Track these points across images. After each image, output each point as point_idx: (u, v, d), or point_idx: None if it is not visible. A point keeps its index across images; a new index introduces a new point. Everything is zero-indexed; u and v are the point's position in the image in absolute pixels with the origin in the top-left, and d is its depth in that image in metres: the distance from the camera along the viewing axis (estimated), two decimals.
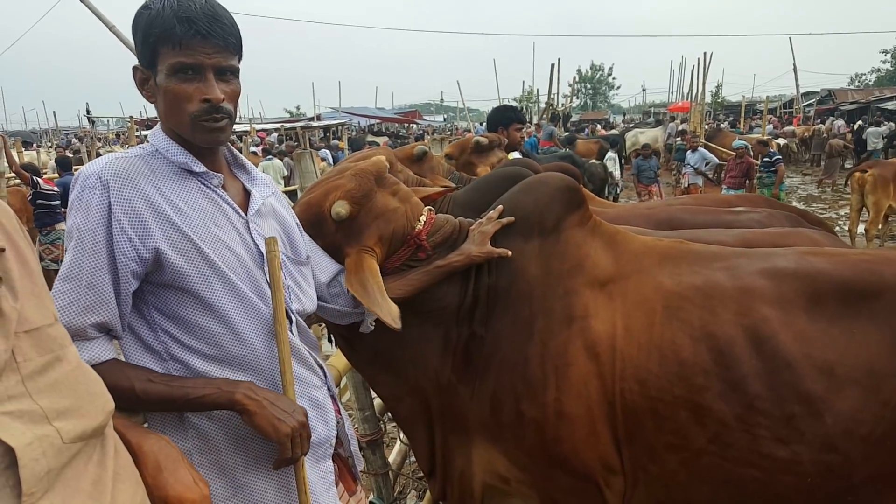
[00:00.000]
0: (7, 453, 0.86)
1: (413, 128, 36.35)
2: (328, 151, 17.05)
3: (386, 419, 3.38)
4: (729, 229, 2.79)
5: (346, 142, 19.57)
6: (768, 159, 10.82)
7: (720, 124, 26.26)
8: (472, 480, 2.16)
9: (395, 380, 2.18)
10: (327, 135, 26.75)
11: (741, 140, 12.13)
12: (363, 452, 3.06)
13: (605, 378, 1.86)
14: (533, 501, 2.11)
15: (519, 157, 3.81)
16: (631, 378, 1.84)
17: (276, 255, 1.55)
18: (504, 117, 4.50)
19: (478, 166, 3.54)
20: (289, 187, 12.04)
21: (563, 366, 1.88)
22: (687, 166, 12.23)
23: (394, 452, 3.65)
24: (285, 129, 26.89)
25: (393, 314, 1.79)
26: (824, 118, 29.71)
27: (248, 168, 1.74)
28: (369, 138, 24.12)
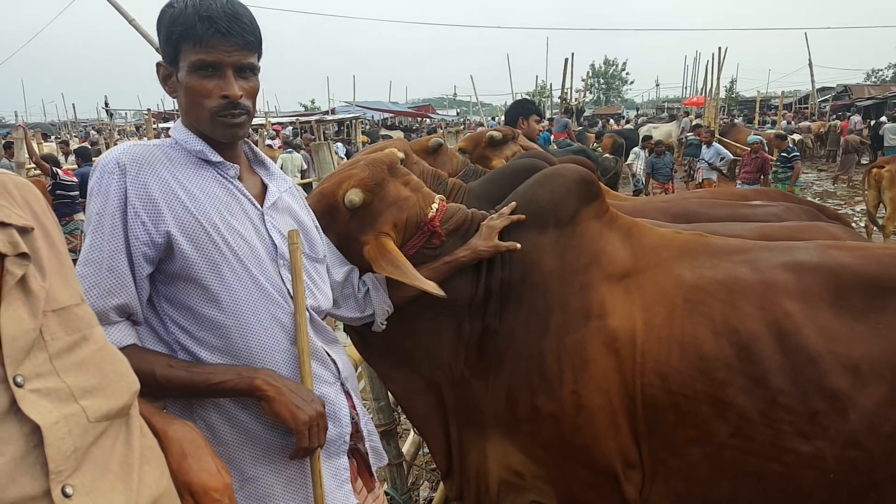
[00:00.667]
0: (35, 431, 0.86)
1: (426, 122, 36.28)
2: (341, 145, 17.09)
3: (400, 409, 3.38)
4: (746, 223, 2.74)
5: (361, 134, 19.69)
6: (786, 155, 10.65)
7: (734, 119, 26.06)
8: (487, 476, 2.16)
9: (409, 374, 2.17)
10: (341, 128, 26.70)
11: (756, 135, 12.00)
12: None
13: (624, 372, 1.85)
14: (549, 496, 2.10)
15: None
16: (651, 372, 1.82)
17: (297, 246, 1.56)
18: (524, 109, 4.71)
19: (492, 160, 3.52)
20: (304, 180, 12.12)
21: (581, 360, 1.87)
22: (701, 161, 12.10)
23: (407, 443, 3.67)
24: (300, 123, 26.87)
25: (433, 284, 1.85)
26: (840, 114, 29.42)
27: (267, 164, 1.76)
28: (383, 132, 24.14)
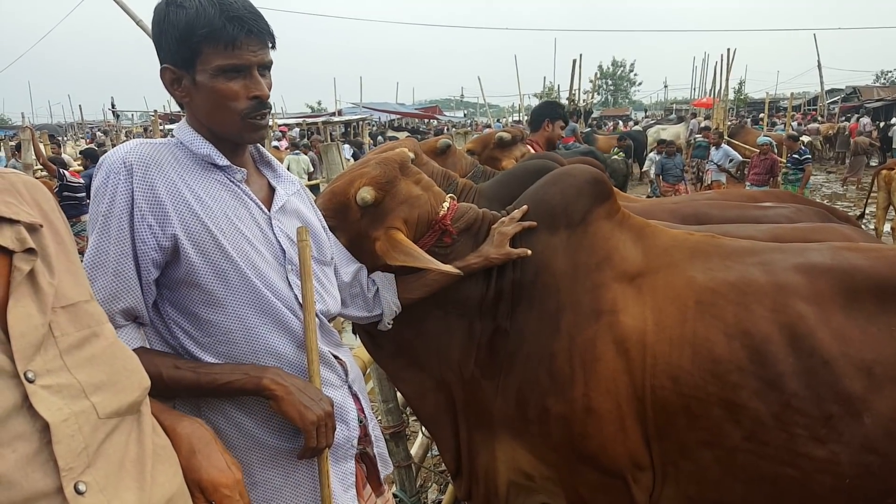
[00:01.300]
0: (47, 428, 0.86)
1: (433, 123, 36.32)
2: (348, 146, 17.08)
3: (408, 411, 3.38)
4: (757, 224, 2.73)
5: (367, 135, 19.68)
6: (797, 156, 10.57)
7: (743, 121, 25.95)
8: (496, 477, 2.15)
9: (419, 374, 2.17)
10: (348, 130, 26.77)
11: (766, 136, 11.94)
12: (386, 444, 3.05)
13: (634, 374, 1.83)
14: (558, 498, 2.09)
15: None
16: (662, 374, 1.81)
17: (307, 244, 1.54)
18: (553, 112, 4.57)
19: (501, 161, 3.52)
20: (312, 181, 12.09)
21: (592, 361, 1.86)
22: (710, 163, 12.05)
23: (416, 445, 3.66)
24: (307, 124, 26.93)
25: (448, 266, 1.88)
26: (849, 116, 29.24)
27: (273, 165, 1.73)
28: (390, 133, 24.18)
